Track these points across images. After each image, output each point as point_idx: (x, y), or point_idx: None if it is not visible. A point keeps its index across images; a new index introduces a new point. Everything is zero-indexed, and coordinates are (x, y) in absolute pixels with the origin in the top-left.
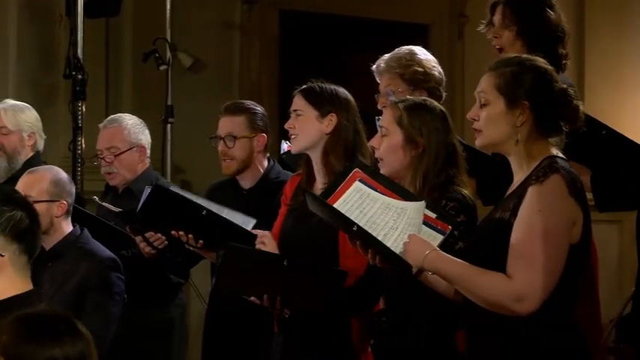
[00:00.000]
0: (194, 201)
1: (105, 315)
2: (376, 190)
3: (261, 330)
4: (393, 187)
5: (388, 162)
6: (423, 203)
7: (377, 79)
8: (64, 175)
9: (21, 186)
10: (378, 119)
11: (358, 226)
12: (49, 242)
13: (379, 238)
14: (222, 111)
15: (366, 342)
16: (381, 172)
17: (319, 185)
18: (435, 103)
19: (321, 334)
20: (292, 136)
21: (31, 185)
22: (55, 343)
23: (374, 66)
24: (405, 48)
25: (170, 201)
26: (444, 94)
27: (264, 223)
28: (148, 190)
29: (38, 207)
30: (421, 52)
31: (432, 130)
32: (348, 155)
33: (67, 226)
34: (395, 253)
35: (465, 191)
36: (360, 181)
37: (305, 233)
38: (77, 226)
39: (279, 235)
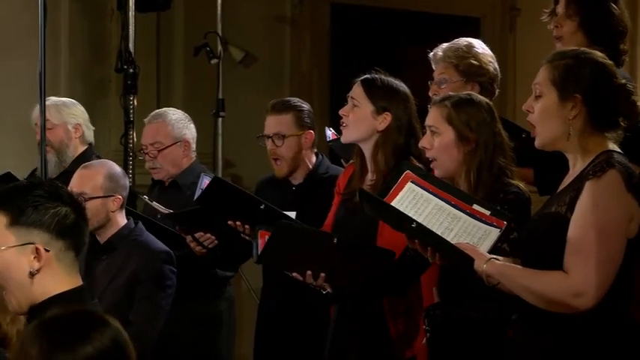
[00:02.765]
0: (252, 195)
1: (154, 307)
2: (429, 191)
3: (312, 325)
4: (445, 187)
5: (442, 161)
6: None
7: (433, 66)
8: (117, 168)
9: (75, 182)
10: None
11: (418, 223)
12: (104, 236)
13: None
14: (268, 109)
15: (410, 339)
16: (435, 172)
17: (369, 178)
18: (479, 96)
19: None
20: (343, 124)
21: (85, 181)
22: (85, 343)
23: (431, 53)
24: (465, 39)
25: (228, 194)
26: (497, 91)
27: (312, 218)
28: (204, 180)
29: (93, 203)
30: (479, 46)
31: (480, 123)
32: (397, 155)
33: (122, 220)
34: (457, 248)
35: (520, 184)
36: (412, 182)
37: (356, 223)
38: (131, 219)
39: (332, 224)
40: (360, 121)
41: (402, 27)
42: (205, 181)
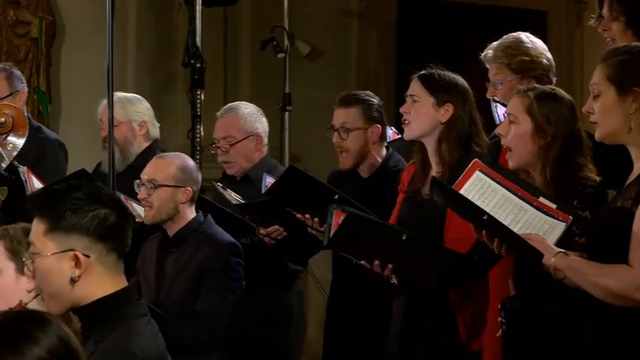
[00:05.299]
0: (327, 185)
1: (220, 299)
2: (496, 181)
3: (380, 319)
4: (512, 177)
5: (517, 150)
6: (540, 214)
7: (487, 66)
8: (191, 162)
9: (148, 169)
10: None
11: (489, 215)
12: (173, 228)
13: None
14: (337, 102)
15: (478, 331)
16: (509, 162)
17: (433, 173)
18: (563, 92)
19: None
20: (405, 122)
21: (158, 169)
22: (31, 344)
23: (482, 54)
24: (512, 36)
25: (302, 182)
26: (553, 80)
27: (382, 212)
28: (267, 179)
29: (163, 191)
30: (528, 40)
31: (560, 118)
32: (461, 146)
33: (191, 213)
34: (526, 241)
35: (598, 178)
36: (480, 171)
37: (420, 218)
38: (200, 212)
39: (396, 221)
40: (423, 115)
41: (468, 20)
42: (269, 180)
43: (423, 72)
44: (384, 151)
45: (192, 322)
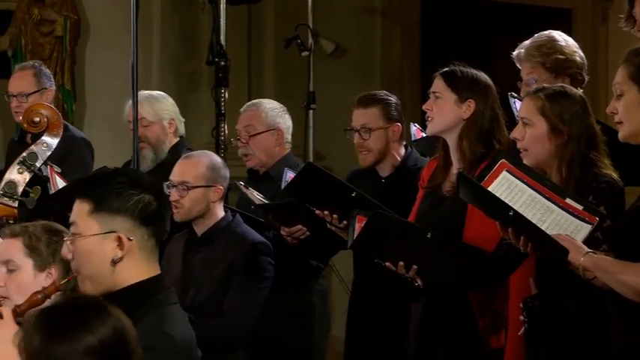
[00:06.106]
0: (344, 182)
1: (248, 297)
2: (523, 181)
3: (403, 318)
4: (538, 178)
5: (533, 152)
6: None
7: (518, 65)
8: (218, 159)
9: (177, 171)
10: (512, 96)
11: (515, 211)
12: (202, 227)
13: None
14: (355, 103)
15: (498, 330)
16: (525, 161)
17: (455, 170)
18: (573, 89)
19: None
20: (428, 118)
21: (188, 170)
22: (86, 332)
23: (514, 53)
24: (545, 34)
25: (320, 179)
26: (586, 78)
27: (402, 211)
28: (287, 174)
29: (195, 192)
30: (561, 38)
31: (573, 116)
32: (482, 142)
33: (220, 211)
34: (553, 239)
35: (613, 174)
36: (507, 171)
37: (441, 215)
38: (229, 211)
39: (415, 217)
40: (445, 111)
41: (492, 17)
42: (290, 175)
43: (445, 69)
44: (403, 150)
45: (220, 320)
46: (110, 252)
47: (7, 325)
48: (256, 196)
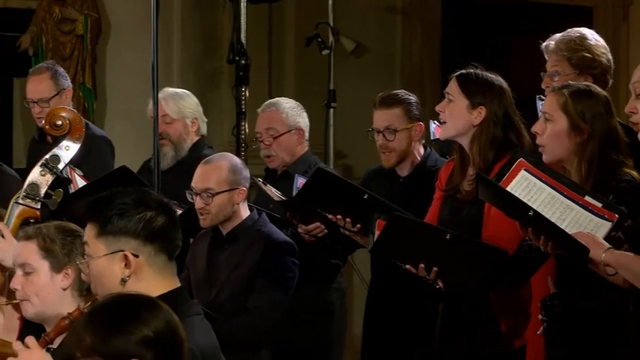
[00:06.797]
0: (356, 185)
1: (272, 297)
2: (541, 180)
3: (421, 317)
4: (557, 176)
5: (551, 148)
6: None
7: (545, 57)
8: (238, 160)
9: (198, 178)
10: (540, 99)
11: (535, 211)
12: (227, 226)
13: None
14: (376, 104)
15: (520, 329)
16: (543, 156)
17: (471, 172)
18: (598, 88)
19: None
20: (441, 121)
21: (209, 176)
22: (139, 324)
23: (543, 44)
24: (577, 30)
25: (331, 184)
26: (610, 81)
27: (421, 211)
28: (298, 180)
29: (220, 197)
30: (592, 37)
31: (596, 116)
32: (495, 148)
33: (245, 211)
34: (573, 238)
35: (634, 172)
36: (525, 170)
37: (460, 221)
38: (255, 210)
39: (436, 222)
40: (456, 116)
41: (513, 16)
42: (300, 181)
43: (461, 71)
44: (422, 149)
45: (243, 318)
46: (118, 271)
47: (35, 353)
48: (275, 193)
